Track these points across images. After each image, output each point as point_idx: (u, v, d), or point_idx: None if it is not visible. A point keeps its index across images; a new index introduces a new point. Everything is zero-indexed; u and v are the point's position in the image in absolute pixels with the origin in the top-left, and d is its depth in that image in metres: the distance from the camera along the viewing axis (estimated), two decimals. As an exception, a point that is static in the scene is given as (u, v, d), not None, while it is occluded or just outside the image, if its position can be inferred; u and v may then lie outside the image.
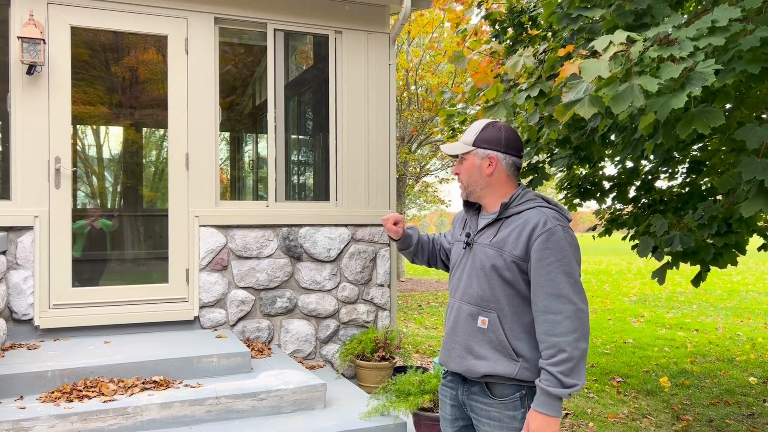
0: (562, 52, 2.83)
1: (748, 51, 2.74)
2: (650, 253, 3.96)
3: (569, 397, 2.07)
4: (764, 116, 4.12)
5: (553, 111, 3.62)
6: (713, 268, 19.75)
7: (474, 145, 2.26)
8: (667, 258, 4.17)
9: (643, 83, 2.44)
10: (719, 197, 4.43)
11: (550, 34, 4.68)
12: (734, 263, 3.85)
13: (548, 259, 2.08)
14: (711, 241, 3.72)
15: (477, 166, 2.26)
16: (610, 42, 2.54)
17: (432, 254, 2.64)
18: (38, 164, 4.69)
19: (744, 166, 2.77)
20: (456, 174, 2.34)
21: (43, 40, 4.52)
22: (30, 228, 4.65)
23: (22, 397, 3.79)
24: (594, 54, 2.79)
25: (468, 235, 2.31)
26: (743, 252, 3.83)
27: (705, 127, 2.63)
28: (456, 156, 2.35)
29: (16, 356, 4.19)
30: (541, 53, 3.78)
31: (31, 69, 4.58)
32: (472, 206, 2.39)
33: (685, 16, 3.48)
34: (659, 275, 4.04)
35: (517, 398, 2.15)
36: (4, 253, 4.50)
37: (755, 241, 4.96)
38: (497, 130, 2.26)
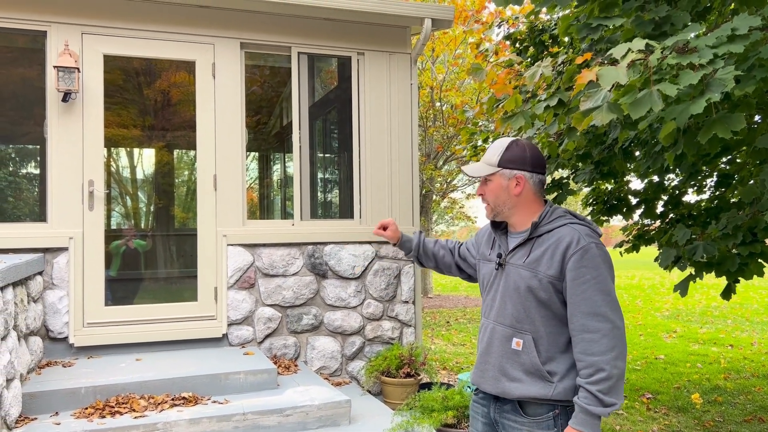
0: (579, 60, 2.85)
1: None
2: (672, 264, 3.93)
3: (608, 415, 2.05)
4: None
5: (571, 122, 3.65)
6: (748, 282, 19.21)
7: (499, 165, 2.22)
8: (690, 270, 4.13)
9: (662, 88, 2.42)
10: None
11: (573, 41, 4.71)
12: (760, 274, 3.79)
13: (584, 277, 2.06)
14: (736, 251, 3.67)
15: (504, 187, 2.22)
16: (629, 49, 2.54)
17: (443, 262, 2.61)
18: (73, 187, 4.87)
19: (767, 174, 2.75)
20: (480, 195, 2.30)
21: (78, 68, 4.71)
22: (65, 249, 4.81)
23: (57, 413, 3.92)
24: (612, 62, 2.80)
25: (500, 255, 2.28)
26: None
27: (726, 131, 2.61)
28: (477, 178, 2.31)
29: (51, 373, 4.33)
30: (559, 64, 3.81)
31: (66, 96, 4.78)
32: (499, 225, 2.36)
33: (704, 27, 3.48)
34: (682, 287, 4.00)
35: (551, 417, 2.14)
36: (41, 273, 4.67)
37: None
38: (521, 148, 2.23)
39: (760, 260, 3.76)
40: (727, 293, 4.30)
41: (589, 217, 6.06)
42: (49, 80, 4.84)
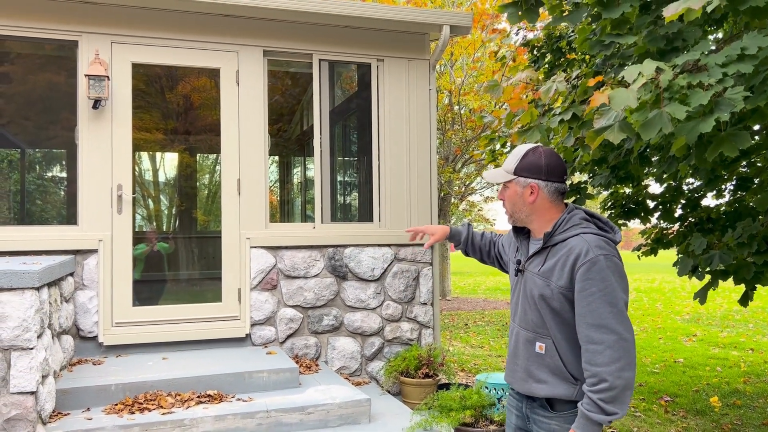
0: (592, 82, 2.93)
1: None
2: (690, 273, 3.98)
3: (608, 424, 2.12)
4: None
5: (586, 133, 3.72)
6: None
7: (515, 173, 2.27)
8: (708, 278, 4.16)
9: (671, 111, 2.48)
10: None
11: (587, 57, 4.77)
12: (781, 282, 3.83)
13: (590, 289, 2.09)
14: (751, 260, 3.71)
15: (519, 194, 2.27)
16: (639, 73, 2.61)
17: (488, 255, 2.71)
18: (102, 191, 5.03)
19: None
20: (501, 200, 2.36)
21: (108, 76, 4.88)
22: (95, 251, 4.98)
23: (88, 408, 4.06)
24: (624, 84, 2.87)
25: (518, 262, 2.35)
26: None
27: (733, 150, 2.68)
28: (498, 184, 2.38)
29: (82, 371, 4.48)
30: (574, 78, 3.88)
31: (96, 103, 4.94)
32: (521, 230, 2.41)
33: (713, 43, 3.52)
34: (701, 295, 4.04)
35: (576, 413, 2.18)
36: (72, 274, 4.84)
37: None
38: (537, 157, 2.26)
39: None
40: (745, 300, 4.33)
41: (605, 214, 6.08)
42: (80, 88, 5.01)
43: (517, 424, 2.43)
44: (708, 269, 3.71)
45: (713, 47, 2.75)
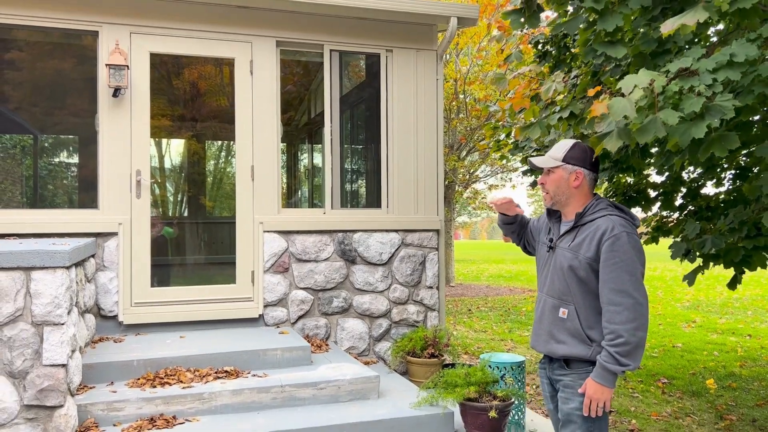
0: (591, 92, 3.08)
1: (765, 79, 2.91)
2: (683, 256, 4.15)
3: (623, 374, 2.43)
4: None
5: (584, 130, 3.89)
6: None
7: (563, 161, 2.62)
8: (699, 261, 4.33)
9: (665, 117, 2.64)
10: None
11: (584, 65, 4.89)
12: (764, 266, 3.99)
13: (613, 259, 2.42)
14: (741, 245, 3.87)
15: (565, 179, 2.63)
16: (635, 84, 2.76)
17: (521, 236, 3.06)
18: (122, 177, 5.21)
19: (764, 180, 2.97)
20: (542, 184, 2.71)
21: (127, 66, 5.04)
22: (115, 234, 5.16)
23: (112, 382, 4.25)
24: (621, 94, 3.01)
25: (551, 240, 2.71)
26: None
27: (723, 150, 2.86)
28: (538, 169, 2.75)
29: (105, 348, 4.67)
30: (573, 77, 4.03)
31: (116, 92, 5.11)
32: (554, 214, 2.76)
33: (704, 47, 3.64)
34: (690, 278, 4.22)
35: (590, 370, 2.51)
36: (93, 256, 5.02)
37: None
38: (583, 150, 2.64)
39: (763, 253, 3.96)
40: (733, 284, 4.51)
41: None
42: (100, 77, 5.17)
43: (550, 392, 2.76)
44: (699, 253, 3.88)
45: (703, 52, 2.89)
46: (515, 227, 3.05)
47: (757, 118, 4.65)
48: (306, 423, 3.90)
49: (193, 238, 7.06)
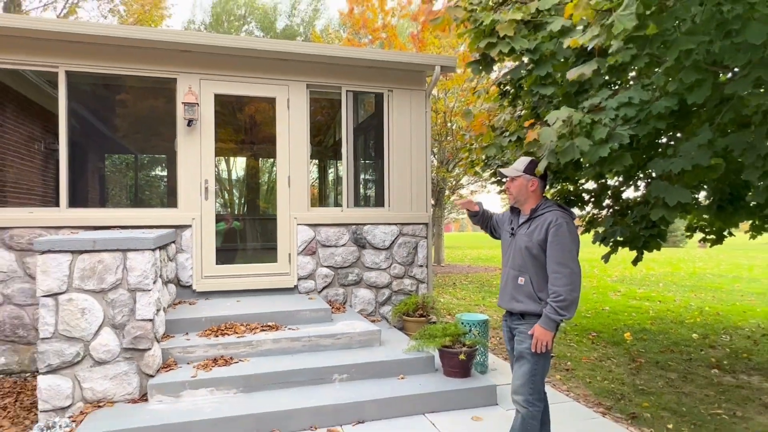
0: (527, 124, 3.15)
1: (656, 115, 2.95)
2: (601, 242, 4.18)
3: (561, 322, 2.53)
4: (669, 152, 4.26)
5: (529, 151, 3.93)
6: (680, 256, 18.72)
7: (524, 172, 2.74)
8: (611, 246, 4.36)
9: (579, 143, 2.75)
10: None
11: (527, 101, 4.93)
12: (658, 248, 4.03)
13: (557, 241, 2.53)
14: (641, 233, 3.91)
15: (524, 185, 2.73)
16: (557, 117, 2.84)
17: (487, 225, 3.11)
18: (194, 184, 5.31)
19: (652, 186, 3.01)
20: (507, 188, 2.81)
21: (197, 103, 5.13)
22: (189, 226, 5.26)
23: (186, 333, 4.36)
24: (548, 124, 3.08)
25: (513, 229, 2.80)
26: (664, 240, 4.02)
27: (621, 166, 2.92)
28: (505, 177, 2.85)
29: (182, 309, 4.78)
30: (519, 111, 4.08)
31: (189, 122, 5.21)
32: (515, 210, 2.85)
33: (610, 90, 3.68)
34: (606, 257, 4.26)
35: (537, 320, 2.61)
36: (174, 242, 5.13)
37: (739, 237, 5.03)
38: (536, 165, 2.76)
39: (657, 239, 3.99)
40: (636, 262, 4.53)
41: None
42: (178, 112, 5.27)
43: (508, 338, 2.85)
44: (612, 240, 3.91)
45: (611, 92, 2.94)
46: (479, 218, 3.12)
47: (664, 140, 4.66)
48: (326, 363, 3.98)
49: (248, 229, 7.15)
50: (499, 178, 6.12)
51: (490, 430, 3.41)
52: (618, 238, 3.69)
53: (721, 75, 3.06)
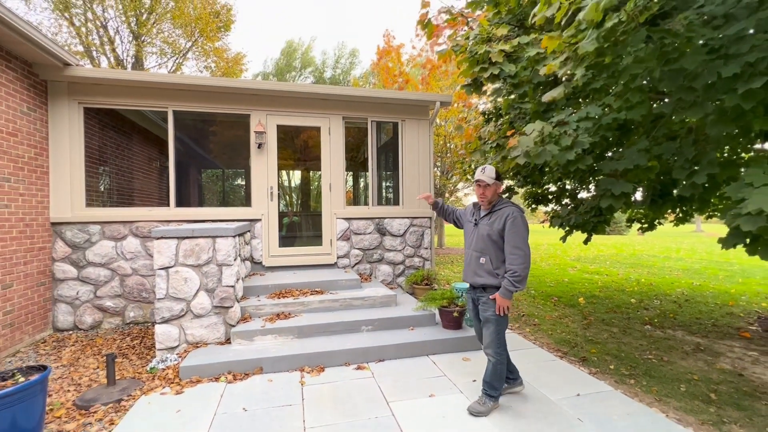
0: (509, 133, 3.08)
1: (605, 126, 2.87)
2: (559, 226, 4.07)
3: (516, 291, 2.43)
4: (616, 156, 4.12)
5: (507, 155, 3.84)
6: (625, 240, 18.03)
7: (495, 179, 2.64)
8: (567, 229, 4.24)
9: (550, 149, 2.67)
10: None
11: (507, 115, 4.84)
12: (604, 232, 3.90)
13: (513, 229, 2.44)
14: (591, 220, 3.79)
15: (495, 190, 2.65)
16: (533, 129, 2.77)
17: (449, 216, 3.00)
18: (263, 189, 5.38)
19: (602, 182, 2.91)
20: (484, 192, 2.68)
21: (265, 132, 5.19)
22: (259, 220, 5.34)
23: (258, 296, 4.42)
24: (525, 134, 3.01)
25: (476, 220, 2.69)
26: (608, 225, 3.89)
27: (584, 165, 2.82)
28: (480, 182, 2.73)
29: (255, 279, 4.85)
30: (499, 124, 3.99)
31: (259, 146, 5.27)
32: (477, 206, 2.75)
33: (573, 109, 3.58)
34: (563, 239, 4.14)
35: (495, 291, 2.53)
36: (249, 231, 5.22)
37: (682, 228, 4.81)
38: (498, 174, 2.67)
39: (603, 224, 3.86)
40: (587, 241, 4.39)
41: (525, 206, 6.13)
42: (251, 138, 5.34)
43: (472, 307, 2.76)
44: (568, 226, 3.81)
45: (573, 111, 2.86)
46: (439, 210, 3.00)
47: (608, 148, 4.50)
48: (356, 317, 4.01)
49: (302, 221, 7.21)
50: (471, 179, 5.98)
51: (476, 366, 3.39)
52: (572, 224, 3.60)
53: (655, 104, 2.95)
